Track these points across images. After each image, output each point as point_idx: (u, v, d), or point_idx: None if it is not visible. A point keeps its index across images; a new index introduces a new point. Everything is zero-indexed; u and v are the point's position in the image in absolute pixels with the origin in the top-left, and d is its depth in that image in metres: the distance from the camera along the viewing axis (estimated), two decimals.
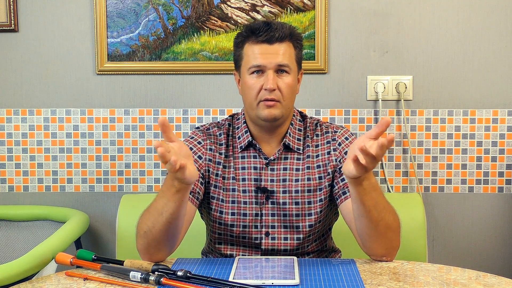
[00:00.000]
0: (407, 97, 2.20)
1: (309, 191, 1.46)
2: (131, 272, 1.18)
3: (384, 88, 2.19)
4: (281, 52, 1.41)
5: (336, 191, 1.45)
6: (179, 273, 1.15)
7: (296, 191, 1.46)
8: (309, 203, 1.46)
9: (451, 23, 2.19)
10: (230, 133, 1.53)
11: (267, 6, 2.17)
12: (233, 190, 1.47)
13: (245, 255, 1.47)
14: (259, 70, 1.42)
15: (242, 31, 1.47)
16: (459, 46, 2.19)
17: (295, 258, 1.33)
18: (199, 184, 1.44)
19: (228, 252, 1.49)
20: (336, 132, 1.51)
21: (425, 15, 2.18)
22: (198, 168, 1.45)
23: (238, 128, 1.52)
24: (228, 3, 2.18)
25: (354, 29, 2.19)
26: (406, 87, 2.19)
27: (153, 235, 1.29)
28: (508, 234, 2.25)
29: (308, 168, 1.47)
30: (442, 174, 2.22)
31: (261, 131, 1.48)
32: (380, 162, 2.21)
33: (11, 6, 2.18)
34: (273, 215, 1.46)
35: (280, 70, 1.42)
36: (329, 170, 1.47)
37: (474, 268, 1.34)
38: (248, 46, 1.44)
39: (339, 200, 1.44)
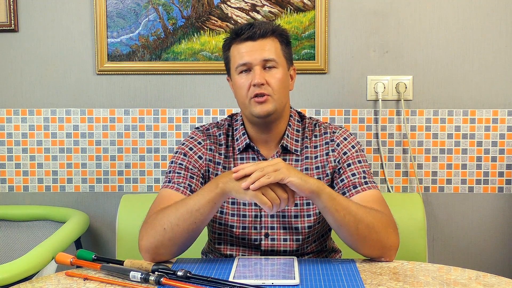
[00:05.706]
0: (407, 97, 2.20)
1: None
2: (131, 272, 1.17)
3: (384, 88, 2.19)
4: (266, 48, 1.42)
5: (336, 192, 1.44)
6: (179, 273, 1.15)
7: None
8: (308, 204, 1.45)
9: (451, 23, 2.19)
10: (230, 133, 1.53)
11: (267, 6, 2.17)
12: None
13: (245, 256, 1.47)
14: (247, 69, 1.42)
15: (228, 36, 1.48)
16: (459, 46, 2.19)
17: (295, 258, 1.33)
18: (200, 185, 1.44)
19: (228, 253, 1.49)
20: (335, 132, 1.51)
21: (425, 15, 2.18)
22: (198, 169, 1.46)
23: (236, 129, 1.52)
24: (228, 3, 2.18)
25: (354, 29, 2.19)
26: (406, 87, 2.19)
27: (174, 234, 1.28)
28: (508, 234, 2.25)
29: (306, 169, 1.47)
30: (442, 174, 2.22)
31: (258, 131, 1.48)
32: (380, 162, 2.21)
33: (11, 6, 2.18)
34: (272, 216, 1.45)
35: (267, 66, 1.42)
36: (328, 171, 1.47)
37: (474, 268, 1.34)
38: (234, 47, 1.45)
39: None
